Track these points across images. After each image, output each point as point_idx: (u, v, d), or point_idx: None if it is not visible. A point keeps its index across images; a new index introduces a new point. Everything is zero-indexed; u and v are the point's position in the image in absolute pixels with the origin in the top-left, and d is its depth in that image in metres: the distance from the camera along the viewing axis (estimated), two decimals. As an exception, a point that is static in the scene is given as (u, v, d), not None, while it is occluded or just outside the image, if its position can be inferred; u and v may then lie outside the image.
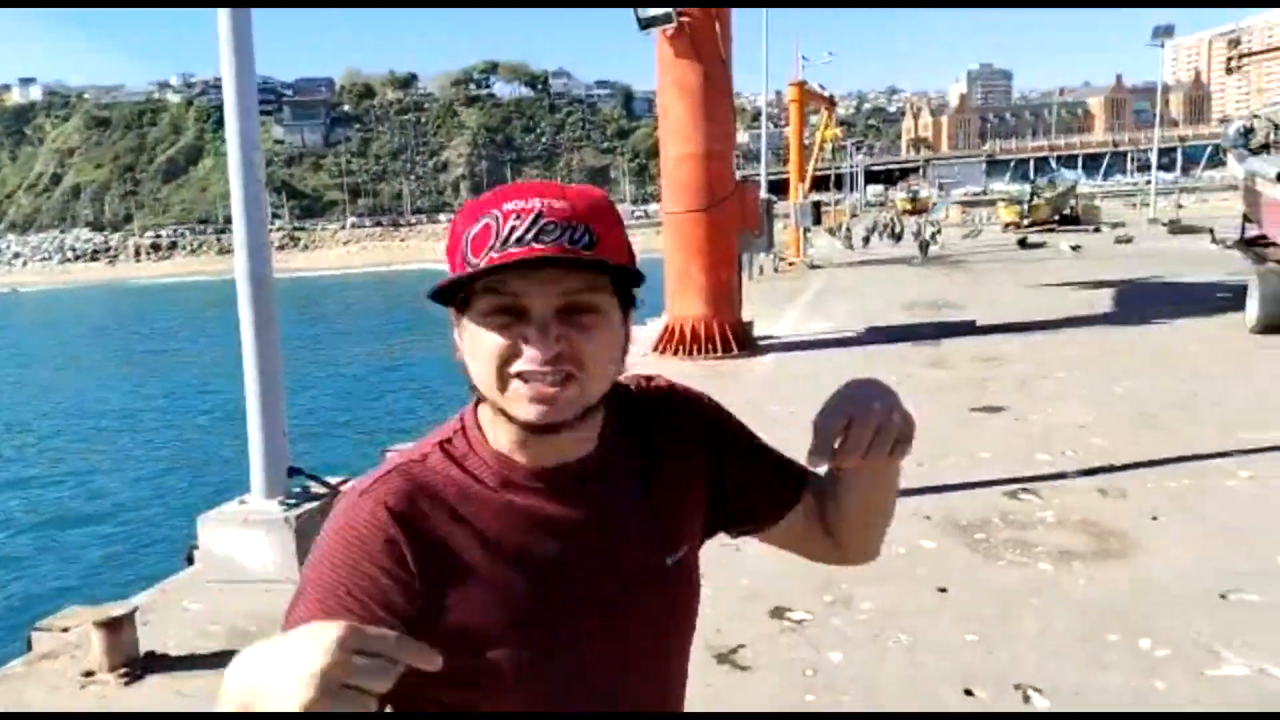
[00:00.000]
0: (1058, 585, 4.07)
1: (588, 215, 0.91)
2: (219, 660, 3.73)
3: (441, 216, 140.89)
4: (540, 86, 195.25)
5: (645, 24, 10.13)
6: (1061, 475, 5.57)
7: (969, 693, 3.14)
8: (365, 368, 26.37)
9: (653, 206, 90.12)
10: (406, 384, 23.09)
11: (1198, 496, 5.09)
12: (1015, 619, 3.75)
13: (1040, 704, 3.09)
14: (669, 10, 9.90)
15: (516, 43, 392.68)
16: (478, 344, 0.92)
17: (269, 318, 4.79)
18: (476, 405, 1.01)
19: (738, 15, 10.89)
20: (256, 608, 4.22)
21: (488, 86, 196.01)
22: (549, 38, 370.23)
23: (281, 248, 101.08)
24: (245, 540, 4.56)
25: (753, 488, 1.14)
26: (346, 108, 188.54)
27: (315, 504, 4.75)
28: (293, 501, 4.72)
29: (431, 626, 0.91)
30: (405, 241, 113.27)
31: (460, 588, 0.93)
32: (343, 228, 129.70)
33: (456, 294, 0.93)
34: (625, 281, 0.96)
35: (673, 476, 1.08)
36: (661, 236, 11.57)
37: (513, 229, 0.88)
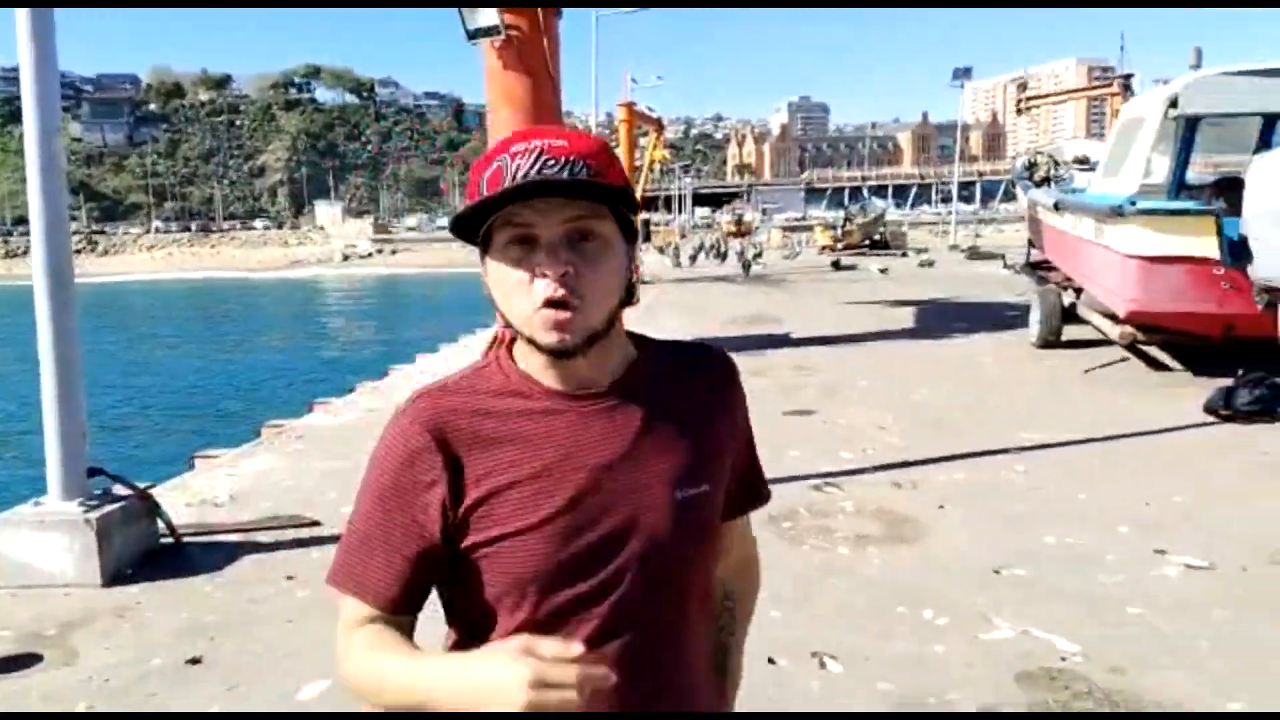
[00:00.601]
0: (854, 566, 4.40)
1: (586, 153, 1.03)
2: (7, 666, 3.53)
3: (257, 223, 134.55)
4: (366, 94, 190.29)
5: (473, 35, 10.11)
6: (861, 470, 5.99)
7: (771, 661, 3.37)
8: (173, 375, 24.91)
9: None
10: (217, 390, 21.99)
11: (979, 488, 5.60)
12: (816, 597, 4.04)
13: (834, 668, 3.36)
14: (496, 23, 9.92)
15: (341, 48, 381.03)
16: (500, 277, 1.05)
17: (67, 312, 4.54)
18: (512, 340, 1.12)
19: (569, 34, 11.03)
20: (53, 611, 4.02)
21: (309, 91, 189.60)
22: (375, 45, 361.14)
23: (78, 251, 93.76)
24: (41, 543, 4.32)
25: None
26: (153, 107, 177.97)
27: (117, 505, 4.55)
28: (94, 503, 4.50)
29: (467, 531, 1.06)
30: (217, 249, 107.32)
31: (490, 493, 1.05)
32: (147, 232, 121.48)
33: (479, 232, 1.06)
34: (620, 210, 1.07)
35: (703, 422, 1.16)
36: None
37: (519, 166, 1.00)
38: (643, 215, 31.44)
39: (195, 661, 3.59)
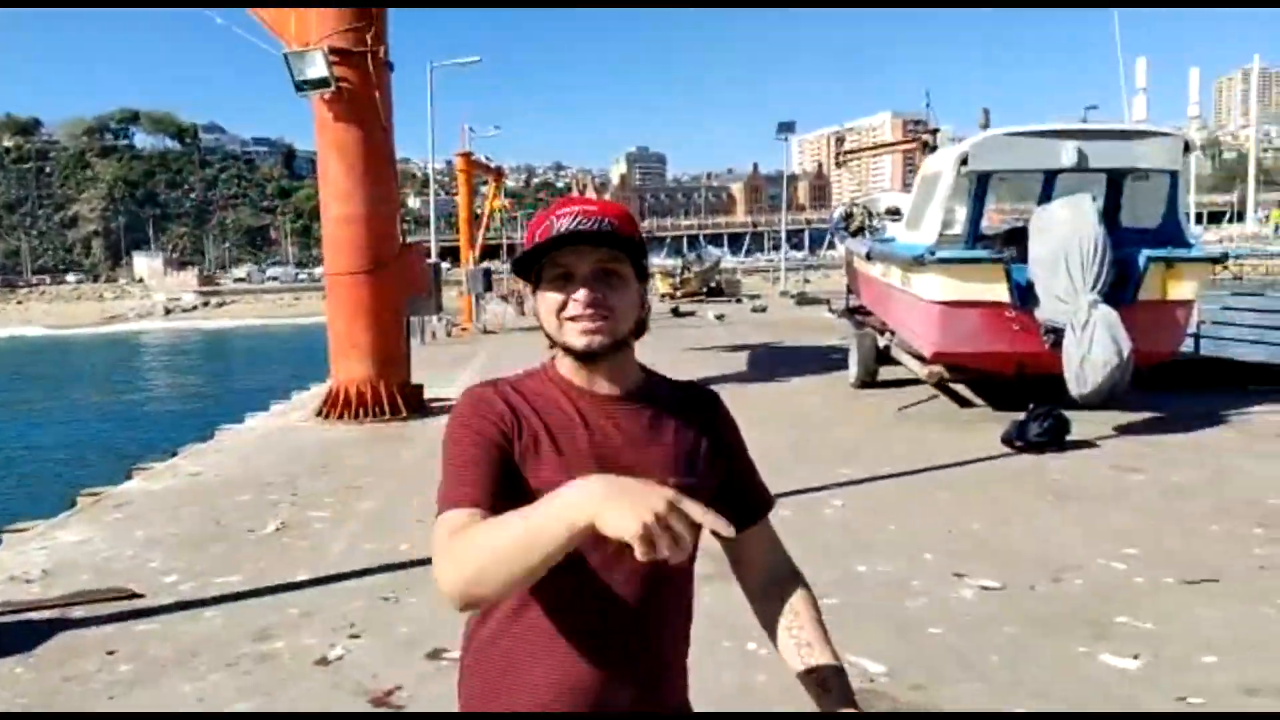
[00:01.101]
0: (685, 605, 4.60)
1: (610, 214, 1.39)
2: None
3: (70, 277, 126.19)
4: (189, 140, 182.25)
5: (300, 86, 10.04)
6: (694, 513, 6.23)
7: (603, 701, 3.51)
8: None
9: (318, 270, 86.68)
10: (28, 457, 20.45)
11: (802, 522, 5.94)
12: (648, 637, 4.20)
13: (663, 703, 3.53)
14: (325, 75, 9.89)
15: (161, 92, 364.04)
16: (544, 301, 1.40)
17: None
18: (554, 358, 1.46)
19: (405, 83, 11.11)
20: None
21: (127, 137, 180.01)
22: (198, 89, 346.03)
23: None
24: None
25: (724, 499, 1.48)
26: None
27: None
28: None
29: (522, 470, 1.33)
30: (24, 304, 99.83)
31: (535, 456, 1.35)
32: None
33: (530, 271, 1.40)
34: (636, 258, 1.41)
35: (692, 433, 1.47)
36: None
37: (562, 223, 1.36)
38: (484, 265, 31.30)
39: (5, 747, 3.42)
